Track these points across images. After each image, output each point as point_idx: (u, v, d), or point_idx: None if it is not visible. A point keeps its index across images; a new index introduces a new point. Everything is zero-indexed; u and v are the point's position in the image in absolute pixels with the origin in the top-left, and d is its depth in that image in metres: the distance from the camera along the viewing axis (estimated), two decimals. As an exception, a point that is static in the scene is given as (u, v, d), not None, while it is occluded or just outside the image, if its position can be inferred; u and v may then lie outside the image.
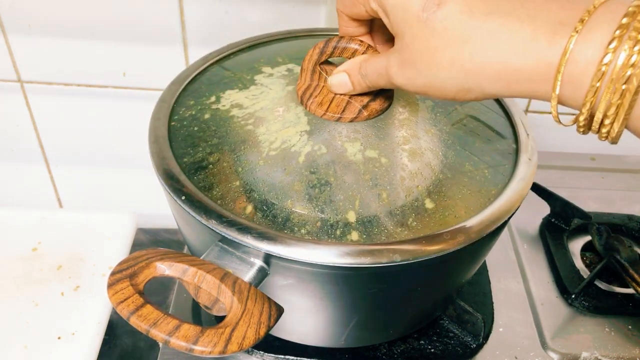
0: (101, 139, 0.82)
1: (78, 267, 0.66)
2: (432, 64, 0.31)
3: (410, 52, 0.32)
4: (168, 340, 0.30)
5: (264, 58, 0.50)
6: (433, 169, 0.39)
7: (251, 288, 0.33)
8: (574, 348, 0.51)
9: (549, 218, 0.63)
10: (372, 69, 0.37)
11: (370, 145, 0.40)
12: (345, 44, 0.41)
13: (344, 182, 0.38)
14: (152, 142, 0.42)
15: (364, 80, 0.38)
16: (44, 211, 0.73)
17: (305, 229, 0.36)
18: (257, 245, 0.34)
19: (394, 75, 0.34)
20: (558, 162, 0.73)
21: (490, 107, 0.47)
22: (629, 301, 0.54)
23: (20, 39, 0.71)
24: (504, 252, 0.60)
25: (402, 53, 0.33)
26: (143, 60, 0.73)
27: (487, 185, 0.39)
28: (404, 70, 0.33)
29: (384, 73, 0.35)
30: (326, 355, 0.48)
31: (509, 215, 0.38)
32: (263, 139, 0.40)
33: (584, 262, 0.59)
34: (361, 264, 0.34)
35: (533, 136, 0.44)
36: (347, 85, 0.40)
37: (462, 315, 0.50)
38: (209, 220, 0.36)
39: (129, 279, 0.32)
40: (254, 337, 0.31)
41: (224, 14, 0.69)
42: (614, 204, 0.66)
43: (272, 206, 0.37)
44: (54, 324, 0.60)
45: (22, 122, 0.80)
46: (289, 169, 0.38)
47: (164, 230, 0.83)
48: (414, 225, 0.36)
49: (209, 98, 0.45)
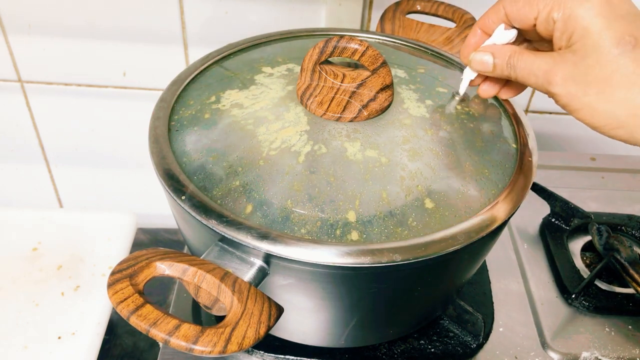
0: (101, 139, 0.82)
1: (78, 267, 0.66)
2: (605, 94, 0.33)
3: (587, 74, 0.34)
4: (168, 340, 0.30)
5: (264, 58, 0.50)
6: (433, 169, 0.39)
7: (251, 288, 0.33)
8: (574, 348, 0.51)
9: (549, 218, 0.63)
10: (526, 65, 0.37)
11: (370, 144, 0.40)
12: (345, 44, 0.41)
13: (344, 182, 0.38)
14: (152, 142, 0.42)
15: (509, 69, 0.39)
16: (44, 211, 0.73)
17: (305, 228, 0.36)
18: (257, 245, 0.34)
19: (555, 84, 0.35)
20: (558, 162, 0.73)
21: (491, 106, 0.47)
22: (629, 301, 0.54)
23: (20, 39, 0.71)
24: (504, 252, 0.60)
25: (576, 69, 0.34)
26: (143, 60, 0.73)
27: (487, 185, 0.39)
28: (571, 85, 0.35)
29: (540, 76, 0.36)
30: (326, 355, 0.48)
31: (509, 216, 0.38)
32: (263, 139, 0.40)
33: (584, 262, 0.59)
34: (361, 263, 0.34)
35: (533, 136, 0.44)
36: (487, 65, 0.40)
37: (462, 315, 0.50)
38: (209, 220, 0.36)
39: (129, 278, 0.32)
40: (254, 337, 0.31)
41: (224, 14, 0.69)
42: (614, 204, 0.66)
43: (271, 206, 0.37)
44: (54, 324, 0.60)
45: (22, 122, 0.80)
46: (289, 169, 0.38)
47: (164, 230, 0.83)
48: (414, 225, 0.36)
49: (209, 98, 0.45)
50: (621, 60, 0.33)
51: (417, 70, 0.48)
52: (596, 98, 0.34)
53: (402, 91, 0.45)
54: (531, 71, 0.37)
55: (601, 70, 0.33)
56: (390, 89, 0.43)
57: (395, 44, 0.54)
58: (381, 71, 0.42)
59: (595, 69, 0.34)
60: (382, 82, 0.42)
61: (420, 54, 0.52)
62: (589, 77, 0.34)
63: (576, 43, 0.35)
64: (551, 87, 0.36)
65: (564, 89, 0.35)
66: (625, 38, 0.33)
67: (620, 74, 0.33)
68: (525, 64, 0.38)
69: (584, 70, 0.34)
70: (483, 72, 0.42)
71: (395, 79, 0.46)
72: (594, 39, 0.34)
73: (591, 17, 0.34)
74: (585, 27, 0.34)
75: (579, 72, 0.34)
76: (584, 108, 0.35)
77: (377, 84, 0.42)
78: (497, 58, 0.40)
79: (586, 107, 0.34)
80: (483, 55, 0.41)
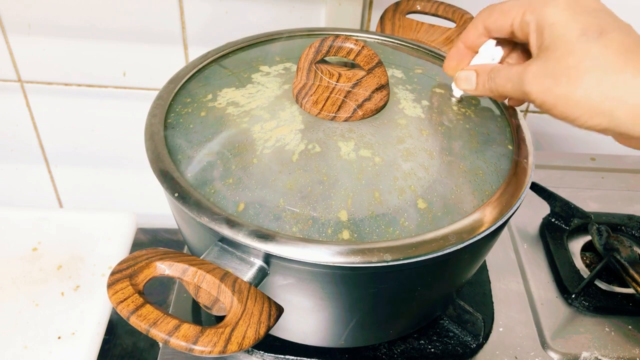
0: (101, 139, 0.82)
1: (78, 267, 0.66)
2: (576, 81, 0.33)
3: (557, 65, 0.34)
4: (168, 340, 0.30)
5: (262, 57, 0.50)
6: (427, 169, 0.39)
7: (251, 288, 0.33)
8: (574, 348, 0.51)
9: (549, 218, 0.63)
10: (503, 74, 0.39)
11: (364, 144, 0.40)
12: (341, 44, 0.41)
13: (337, 181, 0.38)
14: (148, 139, 0.42)
15: (490, 82, 0.40)
16: (44, 211, 0.73)
17: (296, 227, 0.36)
18: (257, 245, 0.34)
19: (528, 82, 0.36)
20: (558, 162, 0.73)
21: (487, 107, 0.46)
22: (629, 301, 0.54)
23: (20, 39, 0.71)
24: (504, 252, 0.60)
25: (546, 63, 0.35)
26: (143, 60, 0.73)
27: (481, 186, 0.39)
28: (543, 79, 0.35)
29: (515, 79, 0.37)
30: (326, 355, 0.48)
31: (501, 217, 0.38)
32: (257, 137, 0.40)
33: (584, 262, 0.59)
34: (351, 263, 0.34)
35: (530, 137, 0.44)
36: (471, 83, 0.42)
37: (462, 315, 0.50)
38: (209, 220, 0.36)
39: (129, 278, 0.32)
40: (254, 337, 0.31)
41: (224, 14, 0.69)
42: (614, 204, 0.66)
43: (264, 204, 0.37)
44: (54, 324, 0.60)
45: (22, 122, 0.80)
46: (283, 167, 0.38)
47: (164, 230, 0.83)
48: (405, 225, 0.36)
49: (206, 96, 0.45)
50: (588, 46, 0.33)
51: (414, 71, 0.48)
52: (568, 87, 0.34)
53: (398, 91, 0.45)
54: (507, 78, 0.38)
55: (570, 59, 0.34)
56: (386, 89, 0.43)
57: (394, 44, 0.54)
58: (376, 71, 0.42)
59: (564, 59, 0.34)
60: (377, 82, 0.42)
61: (418, 54, 0.52)
62: (559, 67, 0.34)
63: (547, 39, 0.35)
64: (526, 86, 0.36)
65: (537, 85, 0.36)
66: (591, 28, 0.33)
67: (588, 59, 0.33)
68: (501, 74, 0.39)
69: (554, 63, 0.35)
70: (467, 90, 0.43)
71: (392, 79, 0.46)
72: (561, 31, 0.34)
73: (557, 13, 0.35)
74: (553, 23, 0.35)
75: (550, 66, 0.35)
76: (559, 101, 0.35)
77: (372, 83, 0.42)
78: (480, 75, 0.41)
79: (561, 99, 0.34)
80: (467, 73, 0.42)
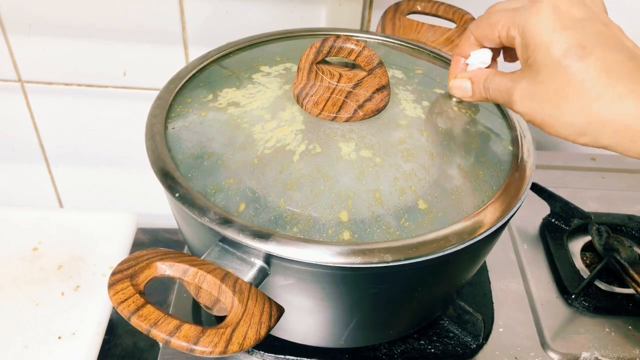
0: (101, 139, 0.82)
1: (78, 267, 0.66)
2: (559, 107, 0.34)
3: (541, 89, 0.34)
4: (169, 341, 0.30)
5: (262, 57, 0.50)
6: (427, 170, 0.39)
7: (252, 288, 0.33)
8: (574, 348, 0.51)
9: (549, 218, 0.63)
10: (495, 84, 0.39)
11: (364, 145, 0.40)
12: (342, 44, 0.41)
13: (338, 182, 0.38)
14: (149, 139, 0.42)
15: (485, 92, 0.40)
16: (44, 211, 0.73)
17: (297, 227, 0.36)
18: (258, 245, 0.34)
19: (515, 102, 0.36)
20: (558, 162, 0.73)
21: (487, 108, 0.46)
22: (629, 301, 0.54)
23: (20, 39, 0.71)
24: (504, 252, 0.60)
25: (532, 85, 0.35)
26: (143, 60, 0.73)
27: (481, 186, 0.39)
28: (529, 101, 0.35)
29: (505, 94, 0.38)
30: (326, 355, 0.48)
31: (502, 218, 0.38)
32: (258, 137, 0.40)
33: (584, 262, 0.59)
34: (352, 263, 0.34)
35: (530, 138, 0.44)
36: (467, 91, 0.42)
37: (462, 315, 0.50)
38: (209, 221, 0.36)
39: (130, 279, 0.32)
40: (254, 337, 0.31)
41: (225, 14, 0.69)
42: (614, 204, 0.66)
43: (264, 204, 0.37)
44: (54, 324, 0.60)
45: (22, 122, 0.80)
46: (283, 168, 0.38)
47: (164, 230, 0.83)
48: (406, 226, 0.36)
49: (206, 96, 0.45)
50: (570, 72, 0.33)
51: (415, 71, 0.48)
52: (553, 112, 0.34)
53: (399, 92, 0.45)
54: (498, 90, 0.38)
55: (553, 83, 0.34)
56: (387, 89, 0.43)
57: (394, 45, 0.54)
58: (377, 71, 0.42)
59: (547, 83, 0.34)
60: (378, 82, 0.42)
61: (419, 55, 0.52)
62: (543, 92, 0.34)
63: (530, 57, 0.35)
64: (514, 106, 0.37)
65: (523, 107, 0.36)
66: (572, 49, 0.33)
67: (570, 86, 0.33)
68: (494, 84, 0.39)
69: (538, 86, 0.35)
70: (463, 97, 0.43)
71: (393, 79, 0.46)
72: (543, 53, 0.34)
73: (540, 30, 0.34)
74: (536, 42, 0.34)
75: (535, 89, 0.35)
76: (546, 122, 0.35)
77: (373, 84, 0.42)
78: (475, 84, 0.41)
79: (547, 120, 0.35)
80: (462, 81, 0.42)
